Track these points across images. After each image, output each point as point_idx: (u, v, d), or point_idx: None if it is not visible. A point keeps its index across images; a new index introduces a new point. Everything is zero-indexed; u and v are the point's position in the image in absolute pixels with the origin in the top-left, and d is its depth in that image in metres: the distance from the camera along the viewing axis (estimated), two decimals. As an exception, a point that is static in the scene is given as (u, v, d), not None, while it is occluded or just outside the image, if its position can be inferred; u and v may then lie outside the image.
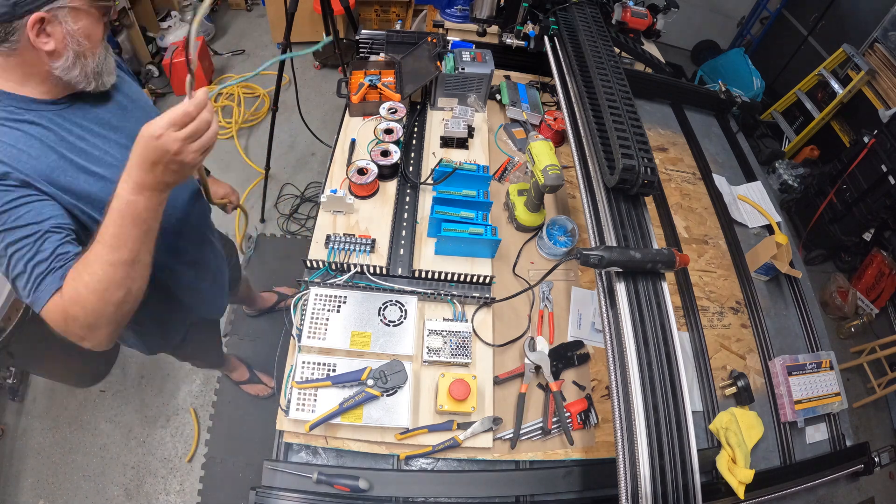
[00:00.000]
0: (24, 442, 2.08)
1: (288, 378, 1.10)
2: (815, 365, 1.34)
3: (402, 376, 1.08)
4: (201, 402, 2.21)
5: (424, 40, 1.65)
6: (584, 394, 1.23)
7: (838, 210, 3.01)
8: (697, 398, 1.26)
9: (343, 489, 1.01)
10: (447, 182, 1.40)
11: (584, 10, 1.63)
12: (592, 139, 1.23)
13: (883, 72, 3.00)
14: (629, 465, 0.87)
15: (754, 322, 1.44)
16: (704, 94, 2.11)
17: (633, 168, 1.09)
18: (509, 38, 1.77)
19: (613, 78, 1.33)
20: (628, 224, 1.12)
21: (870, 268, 3.01)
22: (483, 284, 1.27)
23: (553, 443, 1.16)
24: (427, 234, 1.37)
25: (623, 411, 0.92)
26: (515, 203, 1.47)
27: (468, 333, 1.19)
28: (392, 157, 1.43)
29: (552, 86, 1.81)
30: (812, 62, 3.46)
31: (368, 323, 1.16)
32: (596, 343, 1.31)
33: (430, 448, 1.08)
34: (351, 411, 1.04)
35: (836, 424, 1.33)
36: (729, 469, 1.12)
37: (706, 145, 1.93)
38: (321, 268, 1.25)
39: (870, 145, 2.79)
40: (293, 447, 1.10)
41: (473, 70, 1.59)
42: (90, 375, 2.21)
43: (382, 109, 1.55)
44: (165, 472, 2.04)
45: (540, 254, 1.46)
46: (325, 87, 3.61)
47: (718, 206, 1.70)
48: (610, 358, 0.98)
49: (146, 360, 2.31)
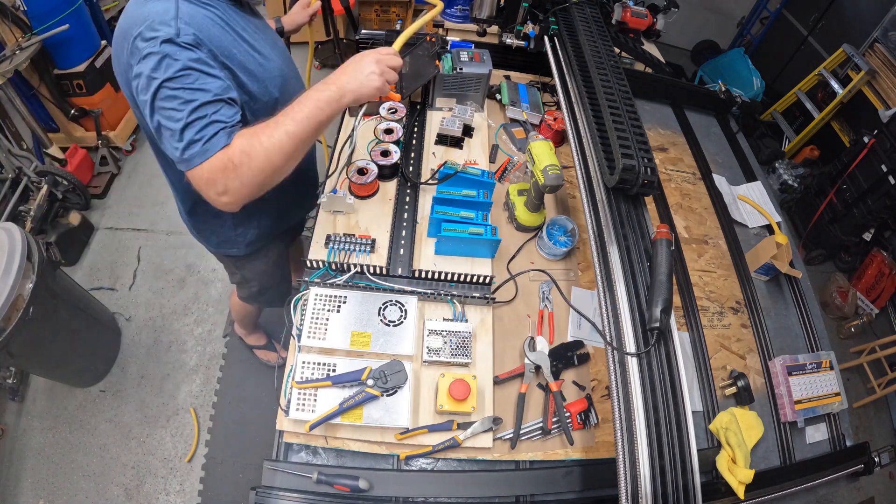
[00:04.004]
0: (24, 442, 2.08)
1: (288, 378, 1.10)
2: (815, 365, 1.34)
3: (402, 376, 1.08)
4: (201, 402, 2.21)
5: (424, 40, 1.65)
6: (584, 394, 1.23)
7: (838, 210, 3.01)
8: (697, 398, 1.26)
9: (343, 489, 1.01)
10: (447, 182, 1.40)
11: (584, 10, 1.63)
12: (592, 139, 1.24)
13: (883, 72, 3.00)
14: (629, 465, 0.87)
15: (754, 322, 1.44)
16: (704, 94, 2.11)
17: (633, 168, 1.09)
18: (509, 38, 1.78)
19: (613, 78, 1.33)
20: (628, 224, 1.12)
21: (870, 268, 3.01)
22: (483, 284, 1.27)
23: (553, 443, 1.16)
24: (427, 234, 1.37)
25: (623, 411, 0.92)
26: (515, 203, 1.46)
27: (468, 333, 1.19)
28: (392, 157, 1.43)
29: (552, 86, 1.81)
30: (812, 62, 3.46)
31: (368, 323, 1.16)
32: (596, 343, 1.31)
33: (430, 448, 1.08)
34: (351, 411, 1.04)
35: (836, 424, 1.33)
36: (729, 469, 1.12)
37: (706, 145, 1.93)
38: (321, 268, 1.25)
39: (870, 145, 2.79)
40: (293, 447, 1.10)
41: (471, 70, 1.59)
42: (90, 375, 2.21)
43: (382, 109, 1.55)
44: (165, 472, 2.04)
45: (540, 254, 1.46)
46: (325, 87, 3.61)
47: (718, 206, 1.70)
48: (610, 358, 0.98)
49: (146, 359, 2.31)
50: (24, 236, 1.71)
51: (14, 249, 1.65)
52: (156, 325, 2.42)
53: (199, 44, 0.91)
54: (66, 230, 2.51)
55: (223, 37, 0.98)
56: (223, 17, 1.00)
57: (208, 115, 0.90)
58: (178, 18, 0.90)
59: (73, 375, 2.17)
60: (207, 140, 0.90)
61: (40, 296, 1.72)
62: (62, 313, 1.90)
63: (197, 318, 2.45)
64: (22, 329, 1.64)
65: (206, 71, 0.91)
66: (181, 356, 2.34)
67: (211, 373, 2.29)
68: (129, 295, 2.51)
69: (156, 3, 0.91)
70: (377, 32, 1.81)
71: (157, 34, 0.87)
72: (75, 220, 2.58)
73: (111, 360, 2.29)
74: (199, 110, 0.90)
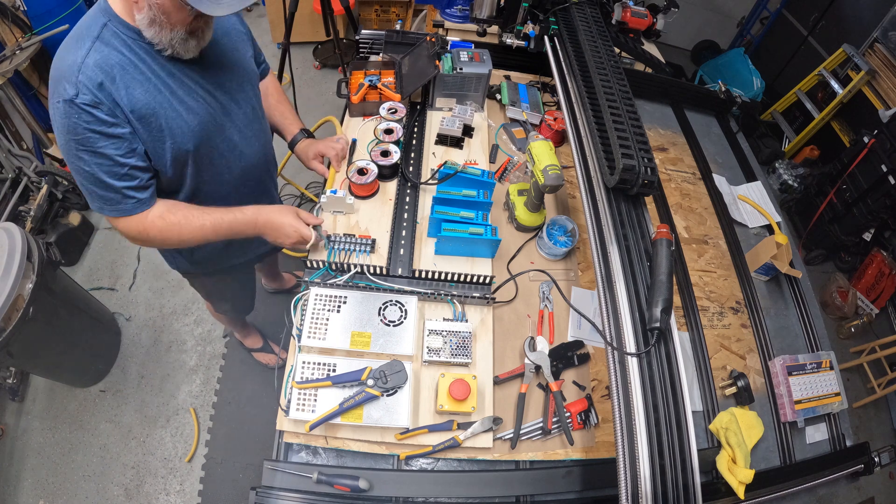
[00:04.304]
0: (24, 442, 2.08)
1: (288, 378, 1.10)
2: (815, 365, 1.34)
3: (402, 376, 1.08)
4: (201, 402, 2.21)
5: (423, 40, 1.65)
6: (584, 394, 1.23)
7: (838, 210, 3.01)
8: (697, 398, 1.26)
9: (343, 489, 1.01)
10: (447, 182, 1.40)
11: (584, 10, 1.63)
12: (592, 139, 1.24)
13: (883, 72, 3.00)
14: (629, 465, 0.87)
15: (754, 322, 1.44)
16: (704, 94, 2.11)
17: (633, 168, 1.09)
18: (509, 38, 1.77)
19: (613, 78, 1.33)
20: (628, 224, 1.12)
21: (870, 268, 3.01)
22: (483, 284, 1.27)
23: (553, 443, 1.16)
24: (427, 234, 1.37)
25: (623, 411, 0.92)
26: (515, 203, 1.46)
27: (468, 333, 1.19)
28: (392, 157, 1.43)
29: (552, 86, 1.81)
30: (812, 62, 3.46)
31: (368, 323, 1.16)
32: (596, 343, 1.31)
33: (430, 448, 1.08)
34: (351, 411, 1.04)
35: (836, 424, 1.33)
36: (729, 469, 1.12)
37: (706, 145, 1.93)
38: (321, 268, 1.25)
39: (870, 145, 2.79)
40: (293, 447, 1.10)
41: (471, 70, 1.59)
42: (90, 375, 2.21)
43: (382, 109, 1.55)
44: (165, 472, 2.04)
45: (540, 254, 1.46)
46: (325, 87, 3.61)
47: (718, 206, 1.70)
48: (610, 358, 0.98)
49: (146, 359, 2.31)
50: (24, 236, 1.71)
51: (14, 249, 1.65)
52: (156, 325, 2.42)
53: (97, 103, 0.90)
54: (66, 230, 2.51)
55: (137, 86, 0.94)
56: (144, 63, 0.95)
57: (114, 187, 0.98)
58: (82, 72, 0.88)
59: (73, 375, 2.17)
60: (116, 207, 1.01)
61: (40, 296, 1.72)
62: (62, 313, 1.90)
63: (197, 318, 2.45)
64: (22, 329, 1.65)
65: (106, 132, 0.92)
66: (181, 356, 2.34)
67: (211, 373, 2.29)
68: (129, 295, 2.51)
69: (69, 53, 0.91)
70: (377, 32, 1.81)
71: (60, 95, 0.89)
72: (75, 220, 2.58)
73: (111, 360, 2.29)
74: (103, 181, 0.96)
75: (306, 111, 2.74)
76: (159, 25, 0.90)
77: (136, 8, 0.89)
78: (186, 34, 0.94)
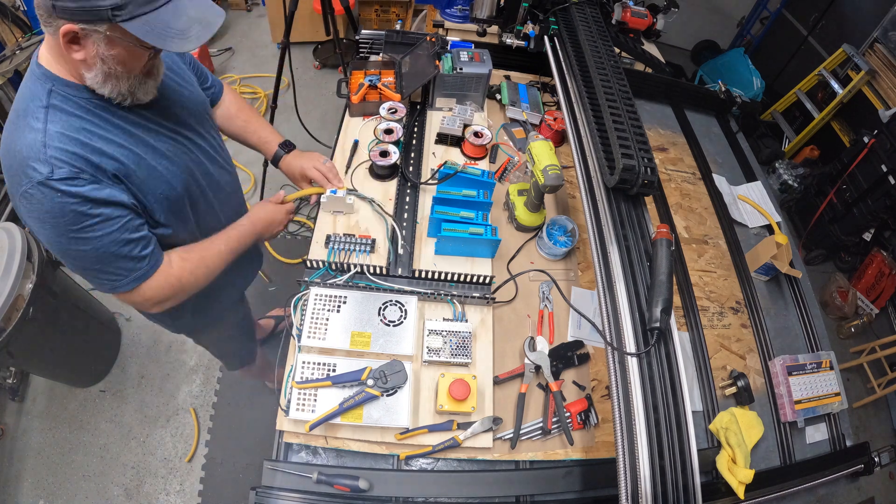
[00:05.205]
0: (24, 442, 2.08)
1: (288, 378, 1.10)
2: (815, 365, 1.34)
3: (402, 376, 1.08)
4: (201, 402, 2.21)
5: (423, 40, 1.65)
6: (584, 394, 1.23)
7: (838, 210, 3.01)
8: (697, 398, 1.26)
9: (343, 489, 1.01)
10: (447, 182, 1.40)
11: (584, 10, 1.63)
12: (592, 139, 1.24)
13: (883, 72, 3.00)
14: (629, 465, 0.87)
15: (754, 322, 1.44)
16: (704, 94, 2.11)
17: (633, 168, 1.09)
18: (509, 38, 1.77)
19: (613, 78, 1.33)
20: (628, 224, 1.12)
21: (870, 268, 3.01)
22: (483, 284, 1.27)
23: (553, 443, 1.16)
24: (427, 234, 1.37)
25: (623, 411, 0.92)
26: (515, 203, 1.46)
27: (468, 333, 1.19)
28: (391, 157, 1.43)
29: (552, 86, 1.81)
30: (812, 62, 3.46)
31: (368, 323, 1.16)
32: (596, 343, 1.31)
33: (430, 448, 1.08)
34: (351, 411, 1.04)
35: (836, 424, 1.33)
36: (729, 469, 1.12)
37: (706, 145, 1.93)
38: (321, 268, 1.25)
39: (870, 145, 2.79)
40: (293, 447, 1.10)
41: (471, 70, 1.59)
42: (90, 375, 2.21)
43: (382, 109, 1.55)
44: (165, 472, 2.04)
45: (540, 254, 1.46)
46: (325, 87, 3.62)
47: (718, 206, 1.70)
48: (610, 358, 0.98)
49: (146, 359, 2.31)
50: (24, 236, 1.71)
51: (14, 249, 1.65)
52: (156, 325, 2.41)
53: (77, 174, 0.82)
54: (66, 230, 2.51)
55: (106, 147, 0.87)
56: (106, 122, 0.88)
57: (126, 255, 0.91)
58: (47, 146, 0.80)
59: (73, 375, 2.17)
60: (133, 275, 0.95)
61: (40, 296, 1.72)
62: (62, 313, 1.90)
63: (197, 318, 2.45)
64: (22, 329, 1.65)
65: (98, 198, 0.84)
66: (181, 356, 2.34)
67: (211, 373, 2.29)
68: (129, 295, 2.51)
69: (23, 134, 0.81)
70: (377, 32, 1.81)
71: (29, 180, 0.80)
72: (75, 220, 2.57)
73: (111, 360, 2.29)
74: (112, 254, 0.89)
75: (306, 111, 2.74)
76: (116, 77, 0.83)
77: (85, 67, 0.81)
78: (143, 76, 0.88)
